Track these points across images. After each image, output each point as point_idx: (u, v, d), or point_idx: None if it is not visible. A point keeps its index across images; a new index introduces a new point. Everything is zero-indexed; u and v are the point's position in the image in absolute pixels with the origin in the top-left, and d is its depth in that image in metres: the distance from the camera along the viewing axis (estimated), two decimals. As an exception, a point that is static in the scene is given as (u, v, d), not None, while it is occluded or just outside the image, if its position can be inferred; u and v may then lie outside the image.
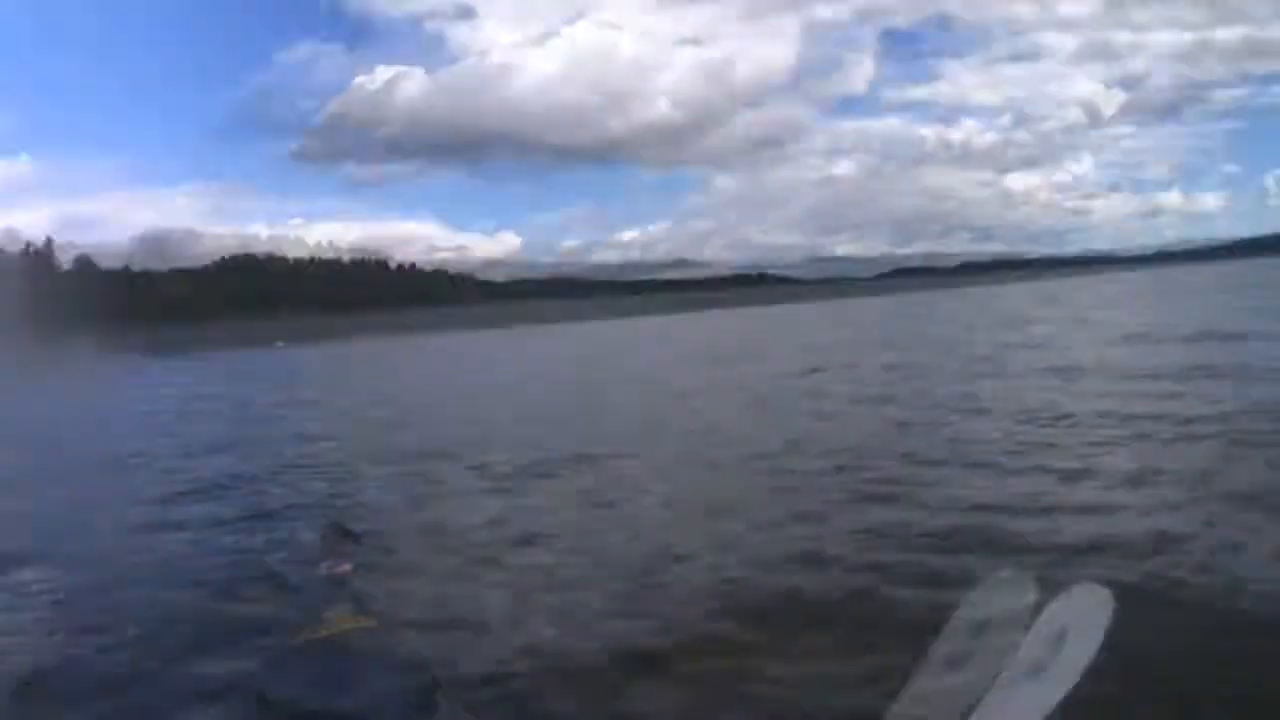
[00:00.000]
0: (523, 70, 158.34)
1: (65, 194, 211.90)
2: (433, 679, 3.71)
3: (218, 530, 7.18)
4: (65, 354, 38.55)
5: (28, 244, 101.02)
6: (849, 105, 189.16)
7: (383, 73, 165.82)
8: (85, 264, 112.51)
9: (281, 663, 3.89)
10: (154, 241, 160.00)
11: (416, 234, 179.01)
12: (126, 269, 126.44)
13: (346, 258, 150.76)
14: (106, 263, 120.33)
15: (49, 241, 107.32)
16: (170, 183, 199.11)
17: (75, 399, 23.35)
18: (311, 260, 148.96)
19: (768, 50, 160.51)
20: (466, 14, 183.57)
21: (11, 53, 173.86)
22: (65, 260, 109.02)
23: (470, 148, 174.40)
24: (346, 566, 4.88)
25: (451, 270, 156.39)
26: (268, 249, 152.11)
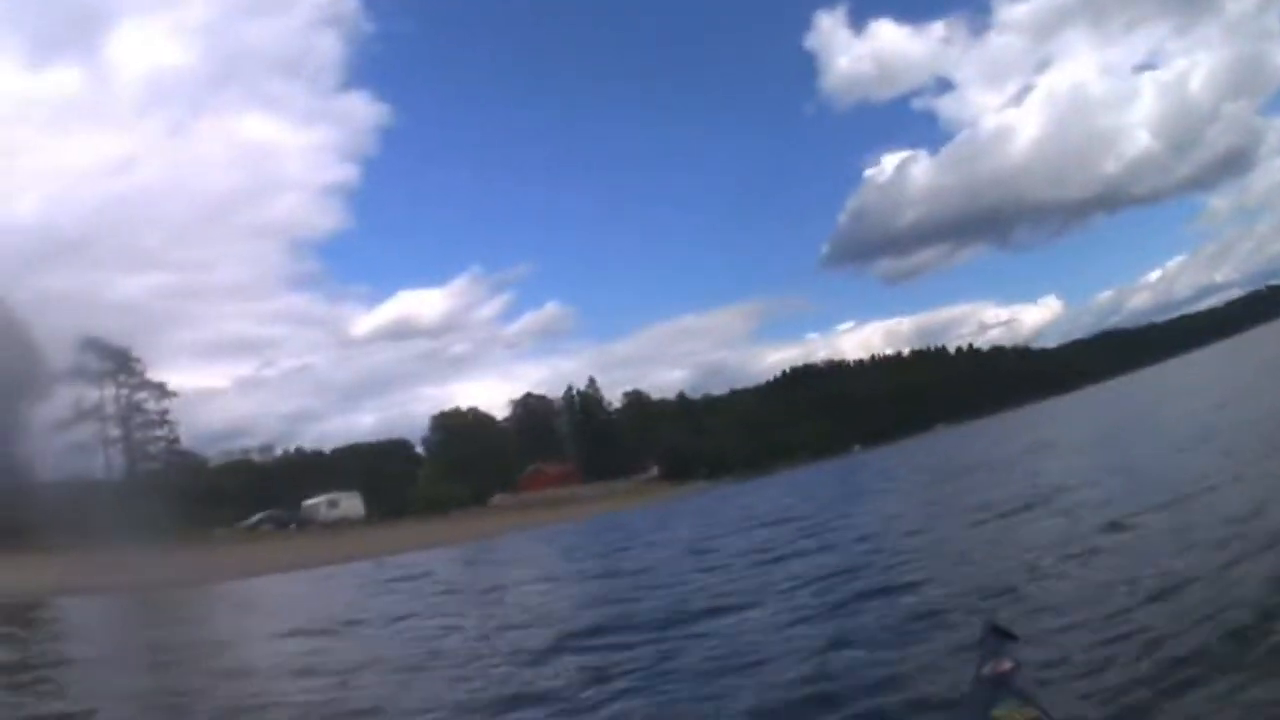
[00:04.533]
0: (1013, 132, 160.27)
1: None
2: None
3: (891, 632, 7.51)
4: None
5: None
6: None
7: (889, 161, 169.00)
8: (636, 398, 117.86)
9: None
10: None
11: (964, 316, 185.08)
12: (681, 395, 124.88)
13: (906, 351, 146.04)
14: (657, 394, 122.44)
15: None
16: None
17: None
18: (872, 359, 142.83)
19: (1207, 60, 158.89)
20: (946, 86, 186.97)
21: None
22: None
23: (987, 220, 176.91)
24: (1007, 665, 4.76)
25: (1007, 344, 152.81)
26: (825, 356, 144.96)
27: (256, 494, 69.62)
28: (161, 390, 70.61)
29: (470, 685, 8.18)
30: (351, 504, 69.85)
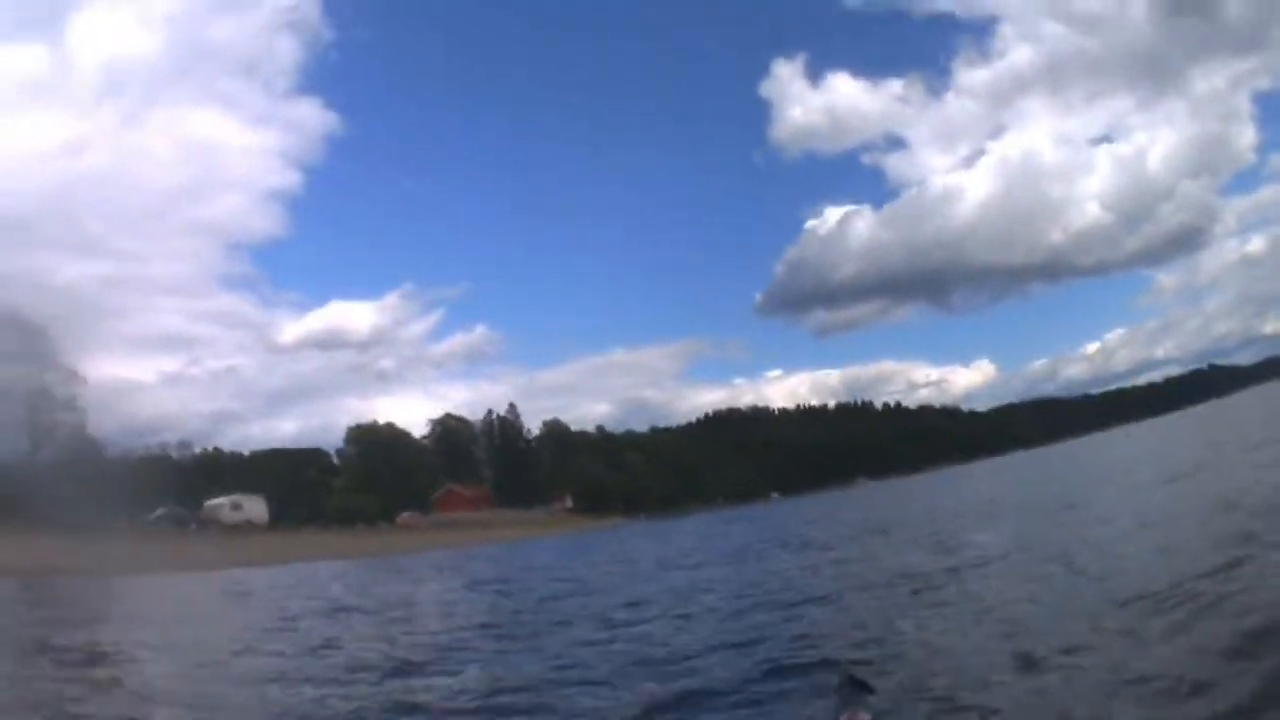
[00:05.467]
0: (961, 194, 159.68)
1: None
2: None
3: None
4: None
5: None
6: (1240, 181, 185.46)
7: (832, 213, 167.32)
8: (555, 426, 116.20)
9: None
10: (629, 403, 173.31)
11: (894, 373, 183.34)
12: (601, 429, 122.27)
13: (831, 404, 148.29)
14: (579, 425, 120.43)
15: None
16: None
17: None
18: (797, 409, 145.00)
19: (1168, 137, 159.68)
20: (897, 144, 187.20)
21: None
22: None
23: (926, 280, 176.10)
24: (863, 717, 4.99)
25: (936, 404, 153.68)
26: (751, 401, 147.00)
27: (171, 491, 67.89)
28: (71, 375, 68.91)
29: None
30: (255, 508, 69.35)
